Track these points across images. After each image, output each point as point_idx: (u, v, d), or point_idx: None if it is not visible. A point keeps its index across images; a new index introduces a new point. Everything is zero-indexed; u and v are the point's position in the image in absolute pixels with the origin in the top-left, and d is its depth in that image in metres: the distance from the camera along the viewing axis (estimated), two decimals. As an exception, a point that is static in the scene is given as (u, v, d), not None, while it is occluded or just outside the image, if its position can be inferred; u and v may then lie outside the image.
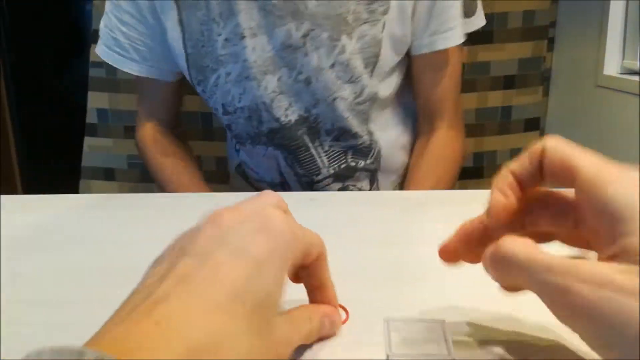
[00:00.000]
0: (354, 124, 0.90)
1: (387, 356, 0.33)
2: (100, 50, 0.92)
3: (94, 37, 1.12)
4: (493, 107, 1.24)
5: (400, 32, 0.85)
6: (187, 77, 0.91)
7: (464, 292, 0.41)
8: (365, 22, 0.82)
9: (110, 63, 0.92)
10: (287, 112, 0.87)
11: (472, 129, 1.24)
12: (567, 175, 0.30)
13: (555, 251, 0.29)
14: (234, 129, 0.93)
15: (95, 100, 1.24)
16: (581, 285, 0.26)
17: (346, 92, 0.86)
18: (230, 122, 0.92)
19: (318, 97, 0.86)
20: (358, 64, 0.84)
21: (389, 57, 0.86)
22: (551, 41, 1.42)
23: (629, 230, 0.26)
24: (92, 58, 1.22)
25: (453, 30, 0.86)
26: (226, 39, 0.83)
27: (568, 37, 1.55)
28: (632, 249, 0.26)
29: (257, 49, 0.83)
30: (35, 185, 2.25)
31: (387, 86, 0.90)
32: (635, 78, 1.44)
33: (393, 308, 0.39)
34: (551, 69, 1.51)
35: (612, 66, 1.54)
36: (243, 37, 0.83)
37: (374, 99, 0.89)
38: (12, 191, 2.22)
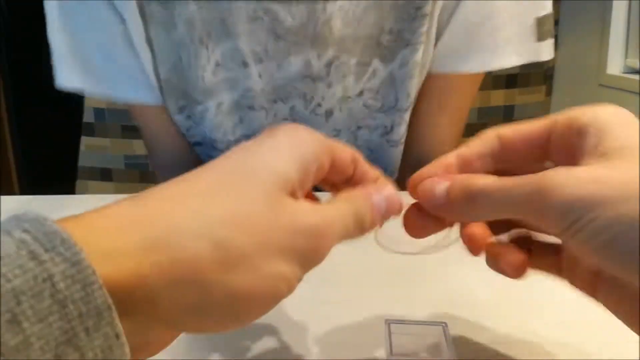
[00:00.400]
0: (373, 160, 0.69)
1: (388, 358, 0.32)
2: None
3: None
4: (495, 106, 1.23)
5: (427, 54, 0.68)
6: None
7: (466, 294, 0.41)
8: (408, 45, 0.66)
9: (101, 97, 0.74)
10: None
11: (475, 128, 1.23)
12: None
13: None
14: None
15: (93, 99, 1.23)
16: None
17: (374, 122, 0.71)
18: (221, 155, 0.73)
19: (339, 128, 0.72)
20: (393, 94, 0.69)
21: (418, 82, 0.70)
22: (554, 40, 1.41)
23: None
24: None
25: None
26: (218, 64, 0.66)
27: (571, 36, 1.55)
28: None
29: (265, 76, 0.67)
30: (32, 186, 2.24)
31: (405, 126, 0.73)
32: (638, 77, 1.43)
33: (394, 309, 0.39)
34: (554, 68, 1.50)
35: (614, 65, 1.54)
36: (245, 64, 0.66)
37: (403, 139, 0.73)
38: (9, 192, 2.21)
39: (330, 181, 0.31)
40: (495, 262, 0.31)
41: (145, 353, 0.24)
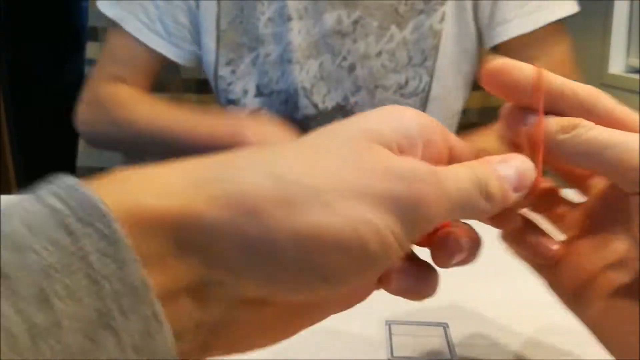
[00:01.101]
0: None
1: (388, 359, 0.32)
2: (121, 17, 0.85)
3: (90, 35, 1.10)
4: (496, 106, 1.22)
5: (461, 23, 0.82)
6: (206, 60, 0.88)
7: (467, 295, 0.41)
8: (421, 13, 0.81)
9: (131, 31, 0.85)
10: (325, 98, 0.87)
11: (475, 128, 1.22)
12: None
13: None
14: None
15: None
16: None
17: (389, 82, 0.84)
18: (263, 105, 0.90)
19: (360, 84, 0.85)
20: (404, 54, 0.83)
21: (450, 50, 0.83)
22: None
23: None
24: (88, 56, 1.21)
25: (538, 12, 0.80)
26: (269, 19, 0.83)
27: (572, 35, 1.54)
28: None
29: (302, 32, 0.82)
30: (30, 185, 2.24)
31: (442, 85, 0.85)
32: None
33: (394, 310, 0.39)
34: (555, 67, 1.50)
35: (616, 64, 1.54)
36: (289, 19, 0.82)
37: (422, 94, 0.86)
38: (7, 191, 2.21)
39: None
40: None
41: (221, 340, 0.21)
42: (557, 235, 0.29)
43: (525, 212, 0.29)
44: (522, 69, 0.26)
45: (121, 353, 0.17)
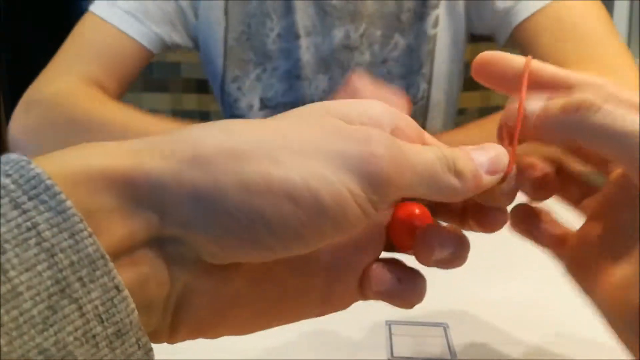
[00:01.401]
0: None
1: (389, 359, 0.32)
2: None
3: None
4: (496, 106, 1.23)
5: (453, 25, 0.82)
6: (211, 71, 0.86)
7: (466, 295, 0.41)
8: (421, 19, 0.81)
9: (106, 17, 0.76)
10: None
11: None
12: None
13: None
14: None
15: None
16: None
17: (394, 87, 0.83)
18: (266, 117, 0.88)
19: None
20: (407, 61, 0.83)
21: (445, 55, 0.83)
22: (555, 40, 1.41)
23: None
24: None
25: None
26: (278, 35, 0.82)
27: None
28: None
29: (311, 49, 0.82)
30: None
31: (440, 91, 0.85)
32: (640, 77, 1.43)
33: (394, 310, 0.38)
34: (555, 67, 1.50)
35: (616, 65, 1.53)
36: (298, 36, 0.82)
37: (422, 102, 0.85)
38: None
39: None
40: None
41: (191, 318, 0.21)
42: (570, 221, 0.29)
43: (533, 201, 0.29)
44: (510, 60, 0.27)
45: (85, 323, 0.17)
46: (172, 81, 1.22)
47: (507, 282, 0.42)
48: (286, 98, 0.86)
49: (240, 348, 0.35)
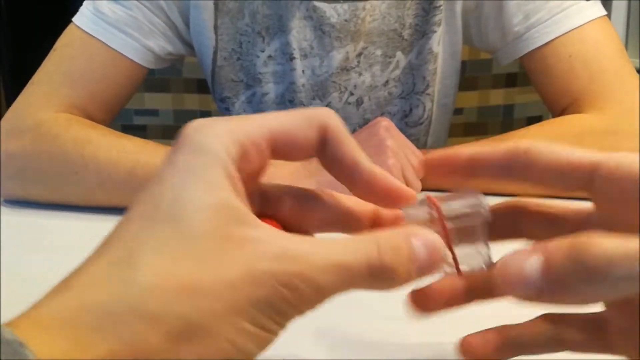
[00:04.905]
0: None
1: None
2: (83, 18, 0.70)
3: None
4: (495, 106, 1.23)
5: (451, 43, 0.77)
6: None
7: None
8: (424, 36, 0.75)
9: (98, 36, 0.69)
10: None
11: (474, 128, 1.23)
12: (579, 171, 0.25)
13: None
14: None
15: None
16: None
17: (395, 108, 0.79)
18: None
19: (367, 117, 0.79)
20: (410, 80, 0.78)
21: (445, 73, 0.79)
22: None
23: None
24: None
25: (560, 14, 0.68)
26: (270, 56, 0.76)
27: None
28: None
29: (307, 72, 0.76)
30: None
31: (441, 106, 0.81)
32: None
33: (394, 310, 0.38)
34: (553, 67, 1.50)
35: (614, 65, 1.53)
36: (292, 58, 0.75)
37: (426, 122, 0.81)
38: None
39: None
40: None
41: None
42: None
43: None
44: (456, 158, 0.27)
45: None
46: (174, 81, 1.22)
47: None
48: None
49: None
